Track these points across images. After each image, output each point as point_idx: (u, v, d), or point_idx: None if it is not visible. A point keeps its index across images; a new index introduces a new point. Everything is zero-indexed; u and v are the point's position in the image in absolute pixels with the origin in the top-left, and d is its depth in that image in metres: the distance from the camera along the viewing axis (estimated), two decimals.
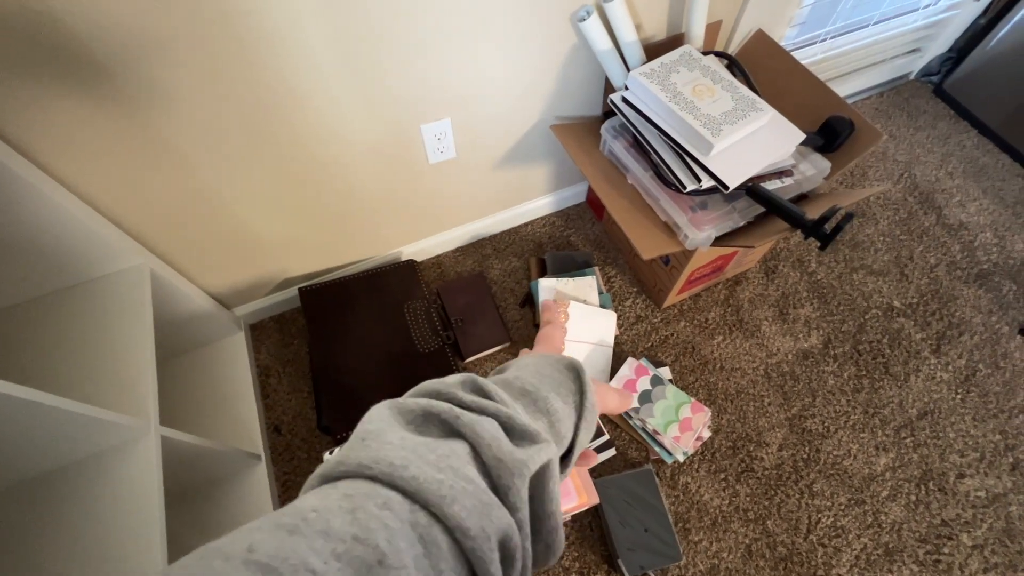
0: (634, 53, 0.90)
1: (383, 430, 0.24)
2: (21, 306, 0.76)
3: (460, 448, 0.24)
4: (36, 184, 0.64)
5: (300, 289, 1.11)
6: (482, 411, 0.26)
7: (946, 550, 0.96)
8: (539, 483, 0.26)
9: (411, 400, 0.27)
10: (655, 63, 0.87)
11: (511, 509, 0.23)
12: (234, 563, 0.17)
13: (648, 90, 0.84)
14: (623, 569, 0.90)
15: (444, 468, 0.23)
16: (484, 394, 0.28)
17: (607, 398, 0.37)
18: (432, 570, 0.20)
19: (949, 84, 1.55)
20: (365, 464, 0.22)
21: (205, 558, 0.18)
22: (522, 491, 0.24)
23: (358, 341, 1.06)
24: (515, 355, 1.15)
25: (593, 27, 0.86)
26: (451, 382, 0.28)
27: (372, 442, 0.23)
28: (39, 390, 0.52)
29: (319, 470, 0.23)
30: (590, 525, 0.98)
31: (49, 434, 0.58)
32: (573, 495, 0.88)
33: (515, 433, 0.26)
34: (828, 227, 0.78)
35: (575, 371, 0.33)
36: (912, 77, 1.62)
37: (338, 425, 0.97)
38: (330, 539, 0.19)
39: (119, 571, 0.60)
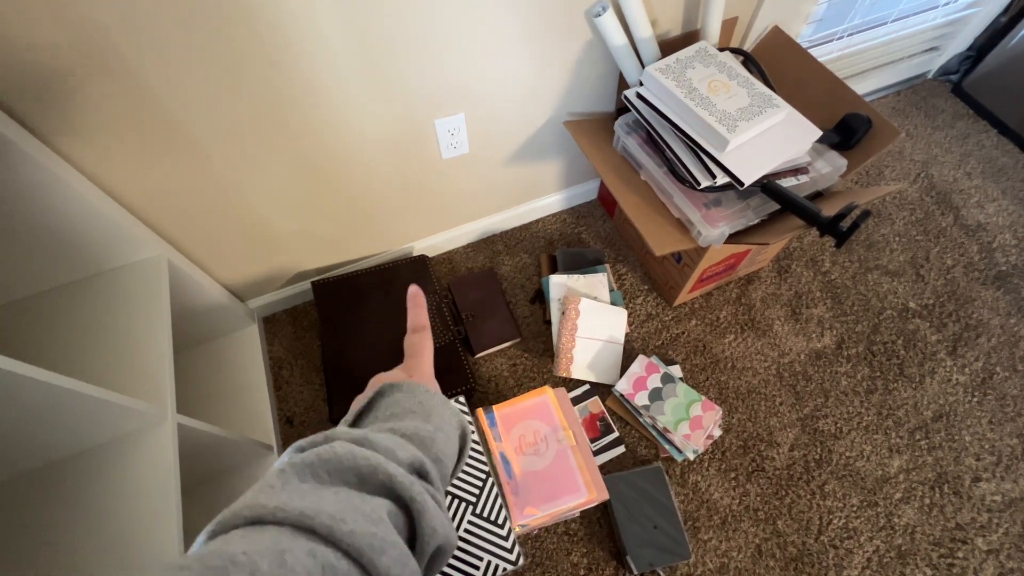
0: (649, 49, 0.90)
1: (313, 488, 0.27)
2: (44, 294, 0.78)
3: (384, 506, 0.27)
4: (60, 174, 0.66)
5: (313, 283, 1.12)
6: (426, 491, 0.30)
7: (960, 554, 0.95)
8: (440, 557, 0.30)
9: (356, 452, 0.28)
10: (670, 59, 0.87)
11: (420, 564, 0.28)
12: None
13: (663, 86, 0.83)
14: (632, 565, 0.90)
15: (376, 522, 0.25)
16: (424, 477, 0.31)
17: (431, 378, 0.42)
18: None
19: (968, 83, 1.53)
20: (307, 514, 0.24)
21: None
22: (427, 557, 0.29)
23: (370, 334, 1.07)
24: (525, 351, 1.15)
25: (608, 23, 0.86)
26: (403, 457, 0.31)
27: (310, 495, 0.25)
28: (60, 374, 0.53)
29: (250, 509, 0.24)
30: (599, 521, 0.98)
31: (70, 418, 0.59)
32: (583, 490, 0.89)
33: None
34: (844, 225, 0.78)
35: (463, 435, 0.38)
36: (930, 76, 1.60)
37: None
38: None
39: (137, 554, 0.61)
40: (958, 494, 1.00)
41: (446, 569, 0.76)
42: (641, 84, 0.89)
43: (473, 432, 0.89)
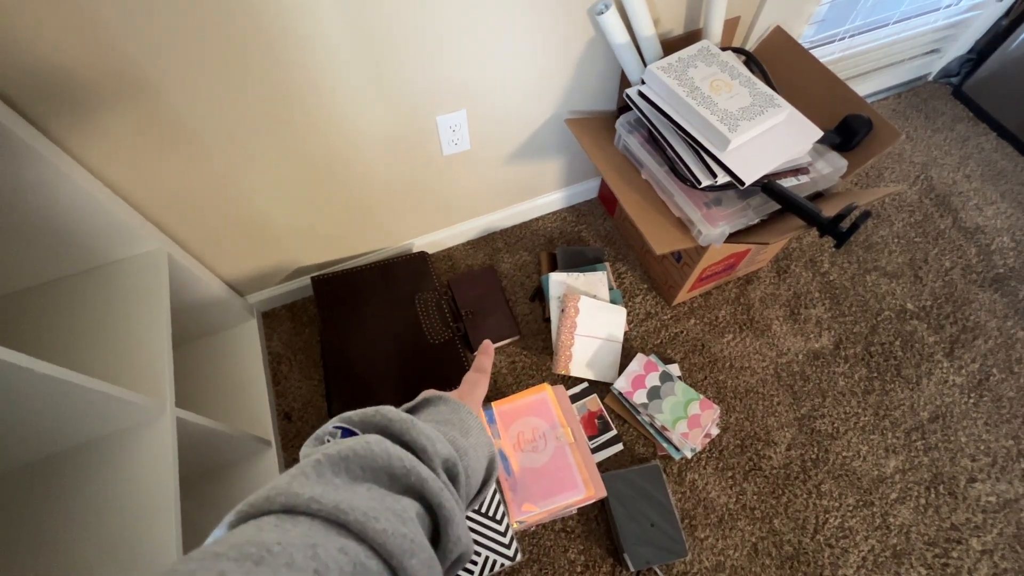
0: (651, 48, 0.90)
1: (347, 482, 0.27)
2: (44, 286, 0.78)
3: (412, 507, 0.27)
4: (62, 167, 0.66)
5: (313, 278, 1.12)
6: (454, 499, 0.31)
7: (955, 554, 0.95)
8: (459, 565, 0.31)
9: (390, 450, 0.29)
10: (672, 58, 0.87)
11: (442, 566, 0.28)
12: None
13: (665, 84, 0.84)
14: (628, 563, 0.90)
15: (407, 521, 0.26)
16: (454, 478, 0.32)
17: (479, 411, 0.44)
18: None
19: (968, 86, 1.53)
20: (341, 509, 0.24)
21: None
22: (448, 564, 0.29)
23: (369, 331, 1.07)
24: (524, 348, 1.15)
25: (611, 20, 0.86)
26: (435, 452, 0.31)
27: (343, 490, 0.26)
28: (60, 367, 0.53)
29: (285, 496, 0.24)
30: (596, 519, 0.98)
31: (70, 411, 0.59)
32: (580, 487, 0.89)
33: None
34: (844, 225, 0.78)
35: (491, 463, 0.39)
36: (931, 78, 1.60)
37: None
38: (294, 570, 0.20)
39: (136, 548, 0.61)
40: (953, 495, 1.01)
41: None
42: (643, 83, 0.89)
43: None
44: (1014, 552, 0.95)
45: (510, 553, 0.80)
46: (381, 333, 1.07)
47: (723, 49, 0.90)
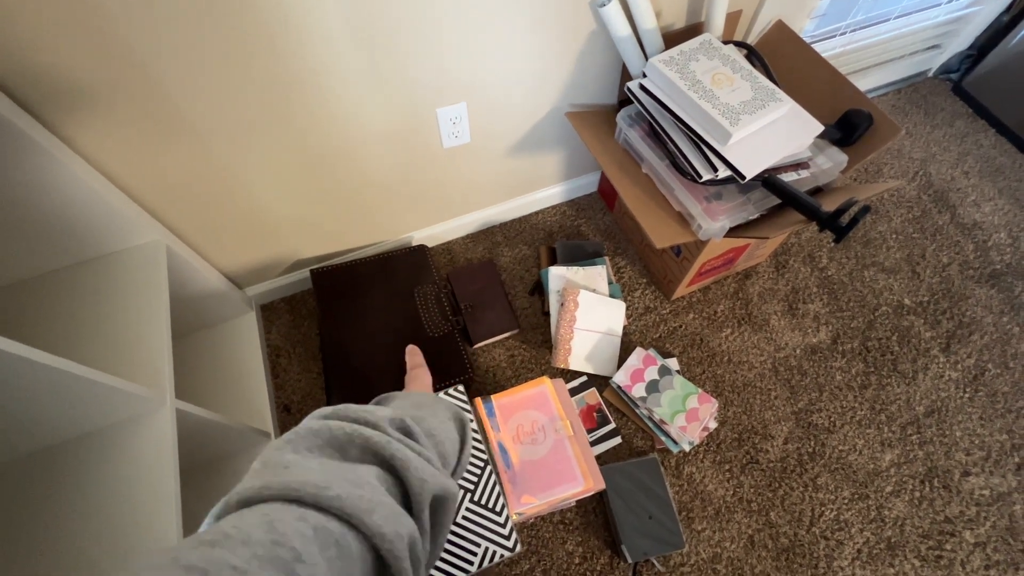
0: (653, 40, 0.90)
1: (296, 461, 0.27)
2: (41, 277, 0.77)
3: (371, 471, 0.28)
4: (60, 157, 0.65)
5: (312, 271, 1.12)
6: (408, 447, 0.31)
7: (948, 546, 0.97)
8: (441, 507, 0.31)
9: (331, 424, 0.29)
10: (674, 51, 0.87)
11: (416, 520, 0.28)
12: (163, 569, 0.19)
13: (667, 77, 0.83)
14: (626, 554, 0.91)
15: (362, 485, 0.26)
16: (408, 434, 0.32)
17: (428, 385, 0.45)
18: (343, 571, 0.23)
19: (968, 82, 1.53)
20: (292, 487, 0.24)
21: (132, 569, 0.19)
22: (426, 510, 0.29)
23: (368, 324, 1.07)
24: (524, 342, 1.15)
25: (613, 13, 0.85)
26: (381, 415, 0.32)
27: (294, 468, 0.26)
28: (59, 357, 0.52)
29: (239, 495, 0.25)
30: (594, 511, 0.99)
31: (70, 402, 0.59)
32: (579, 480, 0.89)
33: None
34: (844, 220, 0.78)
35: (460, 423, 0.41)
36: (931, 74, 1.60)
37: None
38: (250, 546, 0.21)
39: (137, 538, 0.62)
40: (947, 488, 1.02)
41: (444, 555, 0.77)
42: (644, 76, 0.89)
43: (472, 422, 0.89)
44: (1006, 544, 0.97)
45: (509, 544, 0.80)
46: (380, 326, 1.07)
47: (725, 43, 0.90)
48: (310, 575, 0.21)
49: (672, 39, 0.90)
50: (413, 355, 0.50)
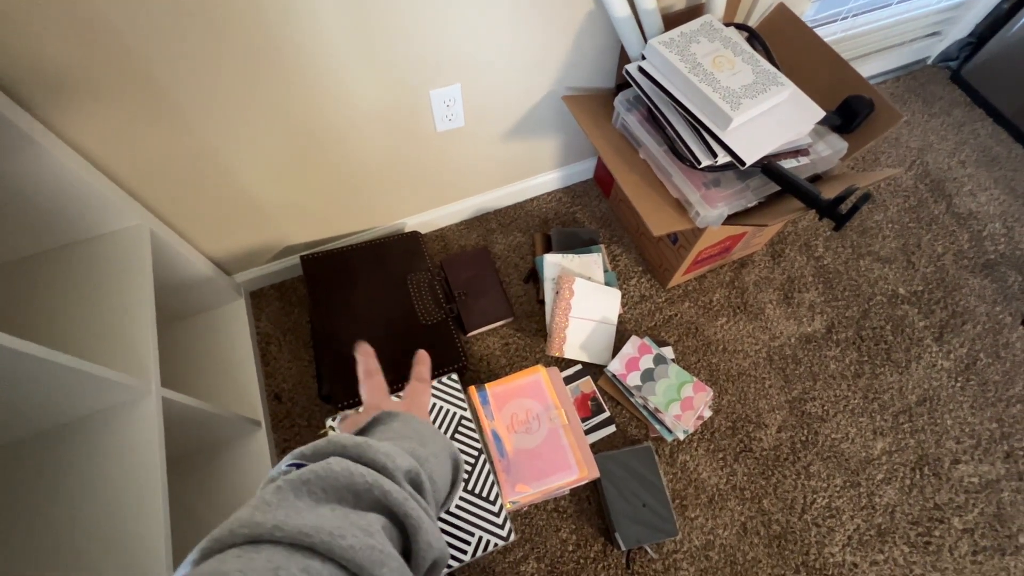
0: (653, 22, 0.88)
1: (311, 505, 0.27)
2: (19, 262, 0.75)
3: (379, 520, 0.28)
4: (37, 138, 0.62)
5: (302, 257, 1.10)
6: (419, 505, 0.31)
7: (937, 533, 0.98)
8: (435, 570, 0.31)
9: (353, 469, 0.29)
10: (674, 32, 0.84)
11: None
12: None
13: (666, 60, 0.81)
14: (619, 542, 0.91)
15: (373, 535, 0.26)
16: (418, 488, 0.32)
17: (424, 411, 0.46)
18: None
19: (967, 70, 1.52)
20: (305, 532, 0.24)
21: None
22: (423, 570, 0.29)
23: (360, 311, 1.05)
24: (518, 330, 1.14)
25: None
26: (399, 465, 0.31)
27: (308, 512, 0.26)
28: (40, 345, 0.50)
29: (249, 528, 0.24)
30: (588, 499, 0.99)
31: (50, 391, 0.57)
32: (573, 468, 0.89)
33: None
34: (843, 208, 0.77)
35: (455, 465, 0.40)
36: (930, 62, 1.59)
37: (339, 394, 0.97)
38: None
39: (122, 528, 0.60)
40: (937, 475, 1.03)
41: None
42: (643, 58, 0.86)
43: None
44: (993, 531, 0.98)
45: (503, 533, 0.80)
46: (372, 314, 1.05)
47: (726, 25, 0.88)
48: None
49: (672, 20, 0.88)
50: (423, 364, 0.47)
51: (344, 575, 0.24)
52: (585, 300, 1.10)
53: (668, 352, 1.12)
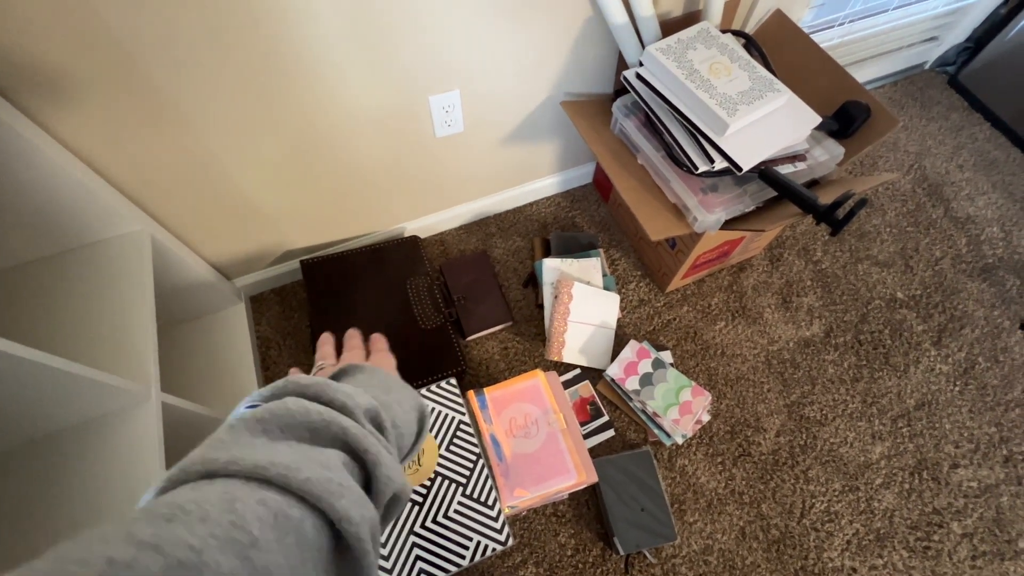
0: (650, 28, 0.88)
1: (266, 441, 0.27)
2: (21, 267, 0.75)
3: (338, 456, 0.28)
4: (37, 143, 0.63)
5: (302, 262, 1.10)
6: (379, 441, 0.31)
7: (936, 537, 0.98)
8: (395, 504, 0.31)
9: (309, 407, 0.29)
10: (671, 39, 0.85)
11: (377, 512, 0.29)
12: (115, 543, 0.18)
13: (664, 66, 0.82)
14: (618, 546, 0.91)
15: (331, 468, 0.26)
16: (379, 427, 0.32)
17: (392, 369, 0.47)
18: (299, 558, 0.23)
19: (964, 75, 1.53)
20: (261, 465, 0.24)
21: (83, 542, 0.18)
22: (383, 504, 0.30)
23: (359, 315, 1.06)
24: (517, 334, 1.15)
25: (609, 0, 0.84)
26: (358, 403, 0.31)
27: (263, 447, 0.26)
28: (40, 351, 0.51)
29: (203, 464, 0.24)
30: (587, 503, 0.99)
31: (50, 396, 0.57)
32: (572, 473, 0.89)
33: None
34: (840, 213, 0.78)
35: (421, 415, 0.41)
36: (927, 67, 1.59)
37: None
38: (208, 524, 0.20)
39: None
40: (936, 480, 1.03)
41: (437, 549, 0.77)
42: (641, 64, 0.87)
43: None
44: (992, 535, 0.98)
45: (501, 538, 0.80)
46: (372, 318, 1.06)
47: (723, 32, 0.89)
48: (265, 562, 0.21)
49: (669, 27, 0.89)
50: (378, 341, 0.51)
51: (303, 506, 0.24)
52: (584, 304, 1.10)
53: (667, 356, 1.12)
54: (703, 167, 0.82)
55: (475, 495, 0.83)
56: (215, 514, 0.21)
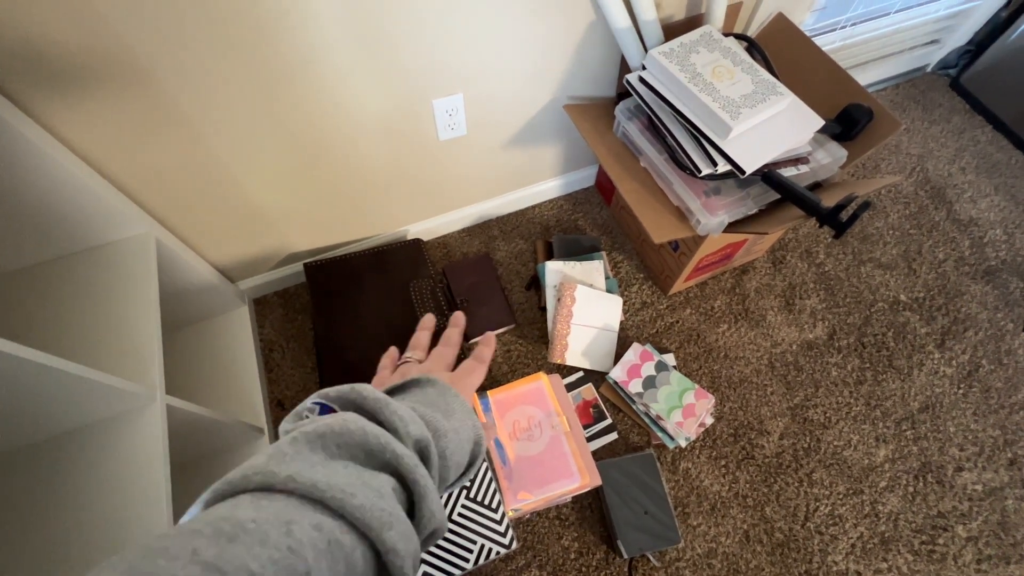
0: (653, 32, 0.89)
1: (325, 459, 0.27)
2: (27, 270, 0.76)
3: (389, 482, 0.28)
4: (43, 146, 0.63)
5: (305, 264, 1.10)
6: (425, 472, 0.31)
7: (941, 541, 0.97)
8: (432, 539, 0.31)
9: (367, 428, 0.29)
10: (674, 43, 0.85)
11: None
12: (180, 562, 0.19)
13: (667, 70, 0.82)
14: (622, 549, 0.91)
15: (383, 496, 0.26)
16: (424, 459, 0.32)
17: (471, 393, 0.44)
18: None
19: (966, 78, 1.53)
20: (319, 487, 0.24)
21: (148, 556, 0.19)
22: (422, 536, 0.29)
23: (363, 318, 1.06)
24: (520, 337, 1.15)
25: (612, 4, 0.84)
26: (410, 432, 0.31)
27: (321, 466, 0.26)
28: (46, 353, 0.51)
29: (263, 476, 0.24)
30: (590, 506, 0.99)
31: (56, 398, 0.58)
32: (576, 476, 0.89)
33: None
34: (843, 216, 0.78)
35: (475, 449, 0.38)
36: (929, 70, 1.60)
37: None
38: (267, 547, 0.21)
39: (127, 535, 0.60)
40: (941, 483, 1.02)
41: (441, 552, 0.77)
42: (644, 68, 0.87)
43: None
44: (998, 539, 0.97)
45: (505, 541, 0.80)
46: (375, 321, 1.06)
47: (725, 35, 0.89)
48: None
49: (672, 31, 0.89)
50: (487, 346, 0.45)
51: (353, 533, 0.24)
52: (587, 307, 1.10)
53: (670, 359, 1.12)
54: (706, 170, 0.83)
55: (479, 498, 0.82)
56: (274, 537, 0.21)
